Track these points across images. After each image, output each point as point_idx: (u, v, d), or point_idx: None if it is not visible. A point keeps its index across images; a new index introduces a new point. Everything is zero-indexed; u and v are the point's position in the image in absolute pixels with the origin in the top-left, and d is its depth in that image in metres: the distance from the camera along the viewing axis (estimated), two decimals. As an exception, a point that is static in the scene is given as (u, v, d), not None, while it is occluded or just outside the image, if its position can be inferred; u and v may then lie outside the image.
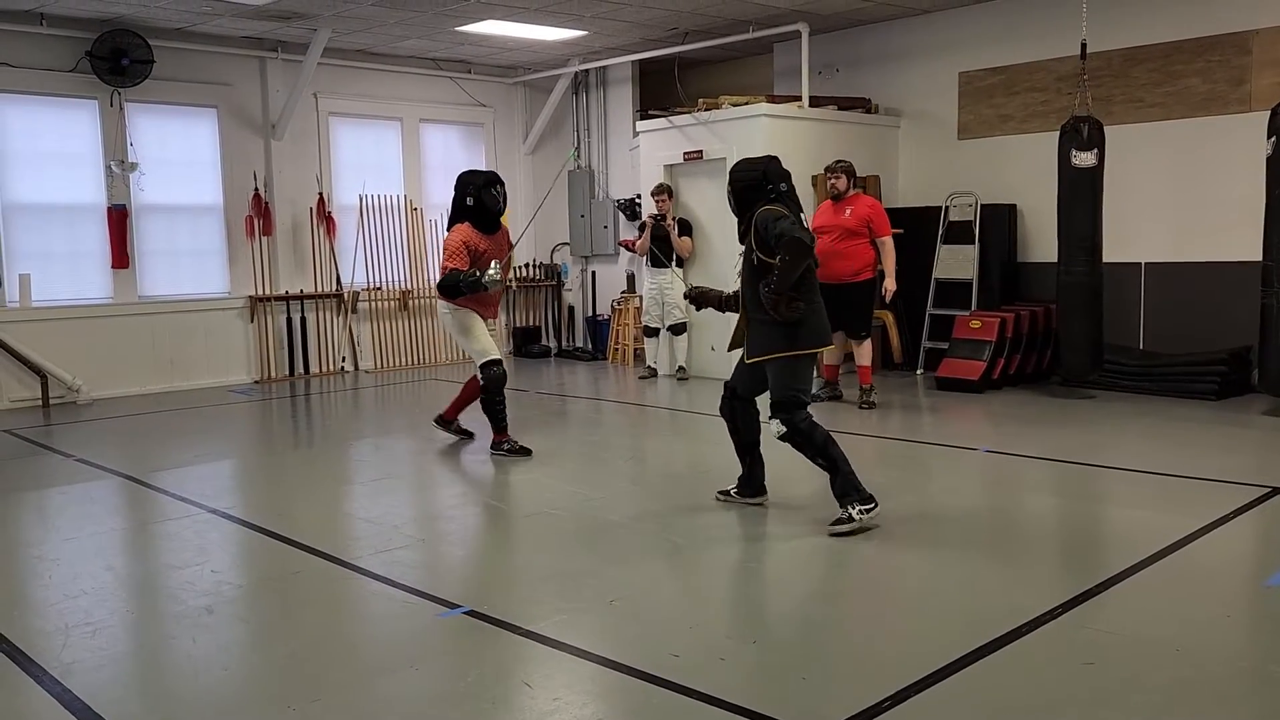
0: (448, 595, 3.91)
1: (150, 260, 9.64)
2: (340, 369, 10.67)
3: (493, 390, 6.33)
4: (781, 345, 4.61)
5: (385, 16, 9.00)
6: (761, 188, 4.68)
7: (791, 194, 4.75)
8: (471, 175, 6.43)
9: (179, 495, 5.60)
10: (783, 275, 4.40)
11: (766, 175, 4.71)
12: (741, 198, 4.75)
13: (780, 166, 4.79)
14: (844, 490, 4.56)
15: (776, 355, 4.62)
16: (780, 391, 4.64)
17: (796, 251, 4.38)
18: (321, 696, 3.09)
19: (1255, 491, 5.07)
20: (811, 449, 4.62)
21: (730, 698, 2.98)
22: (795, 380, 4.64)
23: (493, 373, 6.32)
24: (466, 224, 6.27)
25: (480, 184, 6.29)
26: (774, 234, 4.45)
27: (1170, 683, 3.06)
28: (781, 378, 4.64)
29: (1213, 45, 7.91)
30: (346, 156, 10.80)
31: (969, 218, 9.11)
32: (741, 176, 4.77)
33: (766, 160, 4.82)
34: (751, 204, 4.69)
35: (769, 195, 4.67)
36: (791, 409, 4.61)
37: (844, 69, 10.13)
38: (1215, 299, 7.94)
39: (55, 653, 3.45)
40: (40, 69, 8.88)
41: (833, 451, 4.59)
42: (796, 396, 4.63)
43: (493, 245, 6.35)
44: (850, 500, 4.54)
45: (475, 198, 6.26)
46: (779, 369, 4.63)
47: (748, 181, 4.73)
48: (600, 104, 11.71)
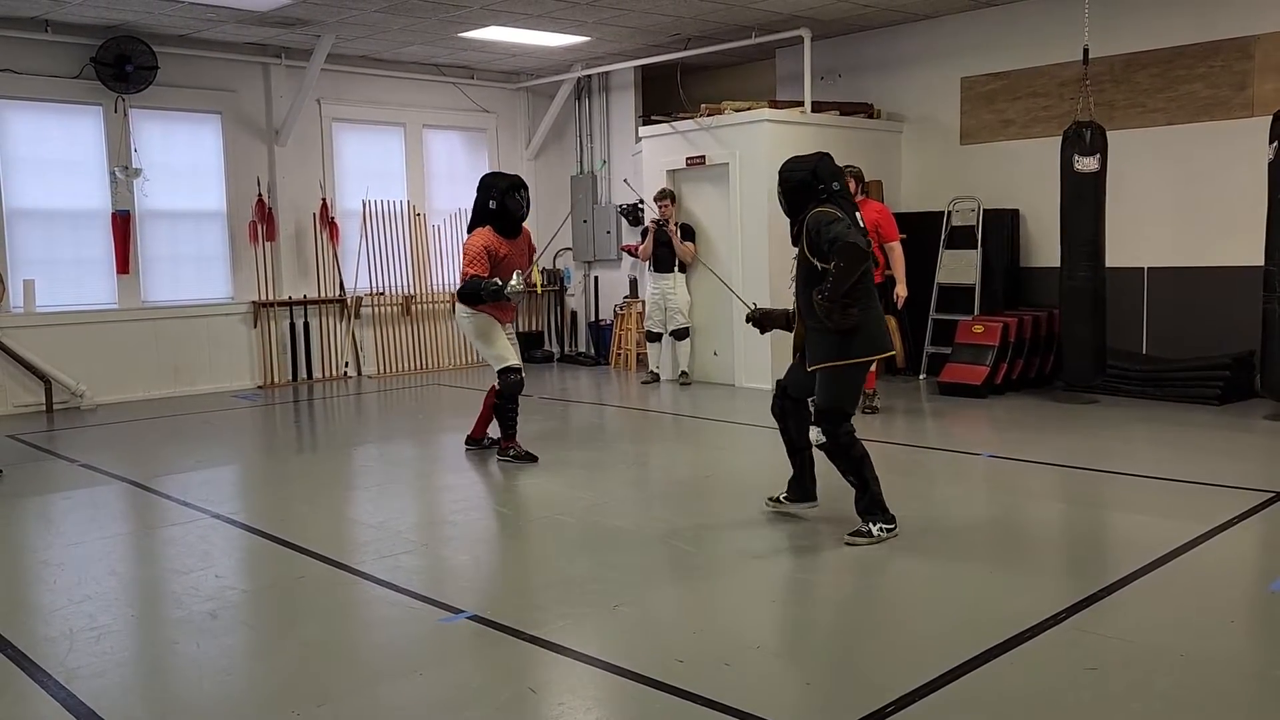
0: (451, 601, 3.92)
1: (154, 266, 9.66)
2: (343, 374, 10.68)
3: (508, 397, 6.32)
4: (835, 354, 4.44)
5: (389, 23, 9.03)
6: (812, 188, 4.49)
7: (845, 193, 4.55)
8: (495, 179, 6.34)
9: (183, 500, 5.61)
10: (836, 282, 4.23)
11: (817, 174, 4.50)
12: (791, 198, 4.56)
13: (832, 164, 4.58)
14: (868, 509, 4.51)
15: (827, 364, 4.47)
16: (825, 400, 4.50)
17: (851, 257, 4.21)
18: (325, 701, 3.09)
19: (1259, 496, 5.06)
20: (845, 464, 4.52)
21: (735, 703, 2.98)
22: (844, 390, 4.49)
23: (511, 379, 6.30)
24: (488, 228, 6.22)
25: (504, 188, 6.22)
26: (827, 238, 4.28)
27: (1174, 688, 3.06)
28: (830, 386, 4.49)
29: (1215, 50, 7.91)
30: (350, 162, 10.82)
31: (971, 223, 9.12)
32: (791, 176, 4.57)
33: (817, 158, 4.58)
34: (802, 205, 4.51)
35: (820, 195, 4.47)
36: (835, 420, 4.48)
37: (846, 74, 10.14)
38: (1218, 304, 7.94)
39: (60, 658, 3.45)
40: (45, 75, 8.90)
41: (866, 473, 4.50)
42: (842, 408, 4.50)
43: (514, 250, 6.29)
44: (874, 518, 4.49)
45: (498, 202, 6.19)
46: (828, 376, 4.49)
47: (797, 181, 4.53)
48: (603, 109, 11.73)
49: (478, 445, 6.79)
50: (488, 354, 6.41)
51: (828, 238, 4.28)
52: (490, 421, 6.70)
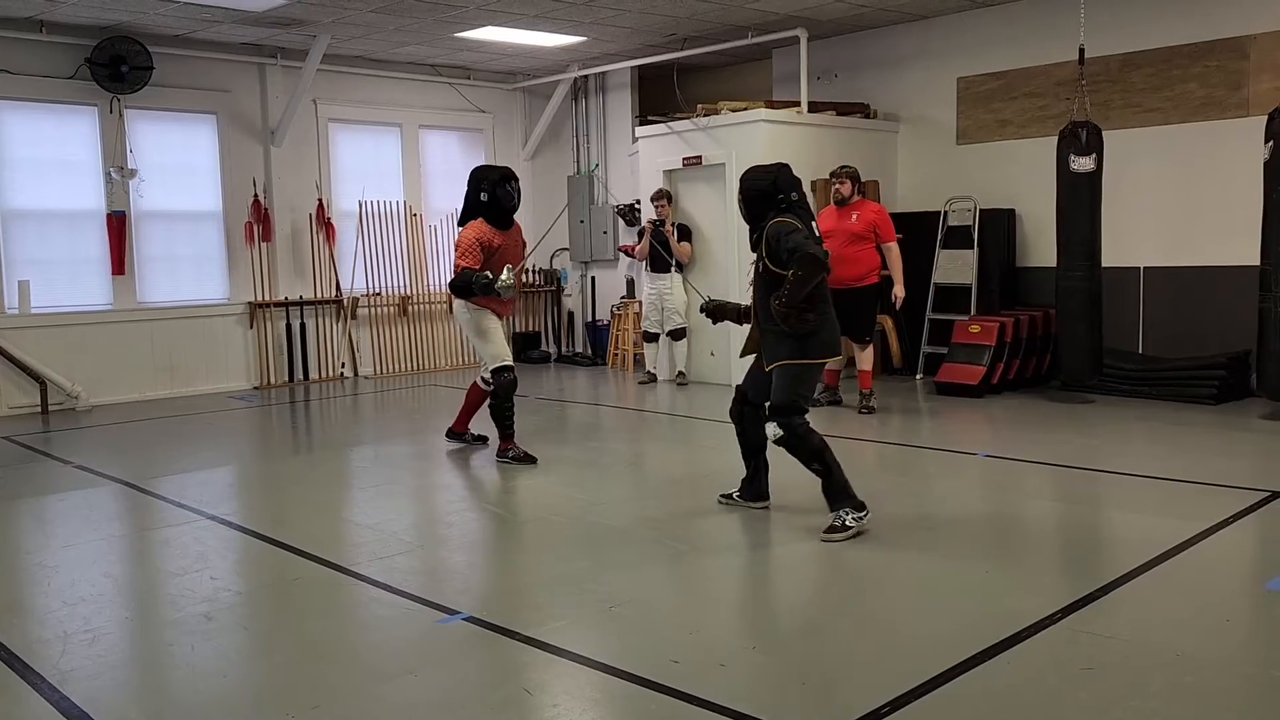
0: (447, 602, 3.91)
1: (150, 266, 9.65)
2: (340, 375, 10.67)
3: (502, 396, 6.27)
4: (794, 354, 4.60)
5: (384, 23, 9.02)
6: (772, 197, 4.64)
7: (803, 203, 4.71)
8: (485, 170, 6.40)
9: (178, 502, 5.60)
10: (794, 289, 4.39)
11: (777, 184, 4.65)
12: (752, 207, 4.72)
13: (791, 175, 4.74)
14: (836, 496, 4.58)
15: (784, 362, 4.62)
16: (781, 396, 4.63)
17: (810, 267, 4.38)
18: (321, 703, 3.09)
19: (1255, 495, 5.07)
20: (806, 454, 4.62)
21: (730, 704, 2.97)
22: (799, 387, 4.64)
23: (504, 378, 6.26)
24: (480, 220, 6.27)
25: (495, 179, 6.28)
26: (787, 248, 4.45)
27: (1170, 687, 3.05)
28: (785, 383, 4.63)
29: (1210, 50, 7.92)
30: (346, 162, 10.81)
31: (968, 223, 9.12)
32: (752, 185, 4.72)
33: (778, 168, 4.75)
34: (762, 213, 4.66)
35: (780, 205, 4.63)
36: (790, 414, 4.61)
37: (843, 74, 10.14)
38: (1214, 303, 7.95)
39: (54, 660, 3.44)
40: (40, 76, 8.89)
41: (828, 458, 4.59)
42: (796, 402, 4.63)
43: (507, 241, 6.34)
44: (842, 506, 4.55)
45: (489, 193, 6.25)
46: (785, 374, 4.63)
47: (758, 190, 4.68)
48: (600, 110, 11.73)
49: (459, 439, 6.87)
50: (484, 350, 6.40)
51: (788, 246, 4.44)
52: (472, 415, 6.78)
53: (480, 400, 6.70)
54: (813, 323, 4.53)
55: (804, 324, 4.50)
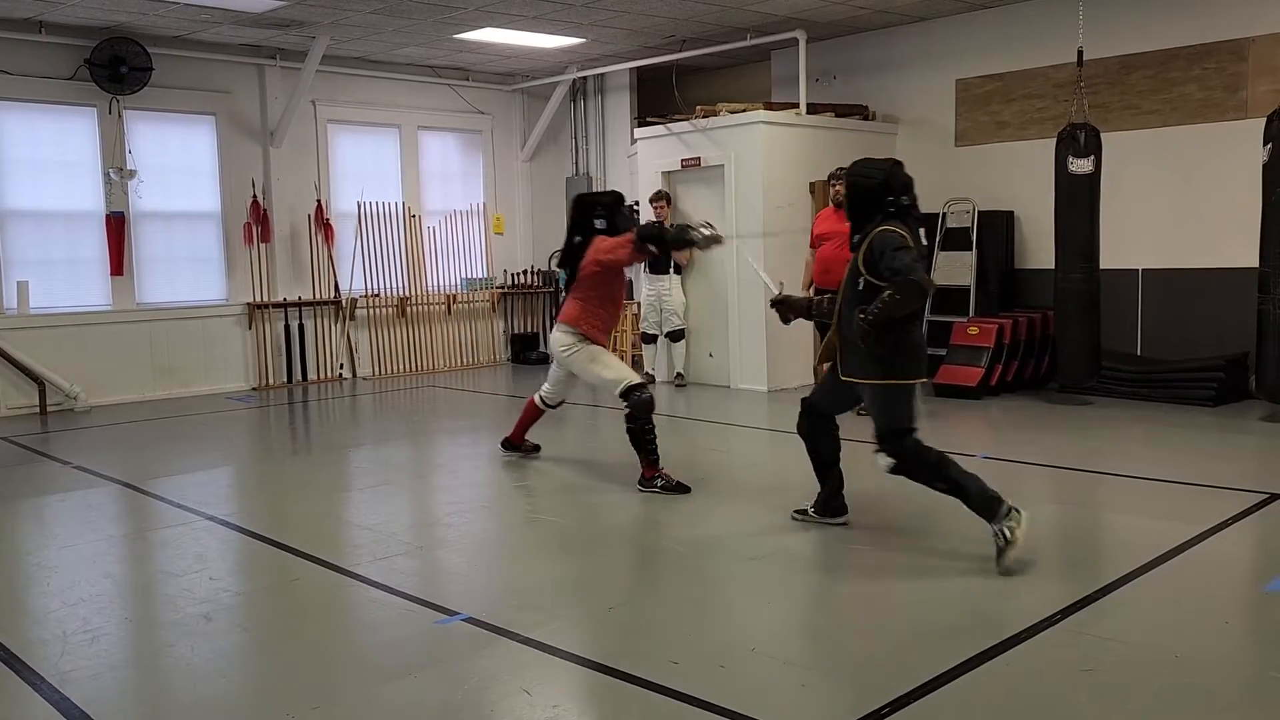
0: (446, 603, 3.91)
1: (149, 267, 9.64)
2: (339, 376, 10.67)
3: (641, 417, 5.51)
4: (877, 372, 4.26)
5: (383, 24, 9.02)
6: (880, 199, 4.27)
7: (913, 208, 4.33)
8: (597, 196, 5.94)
9: (177, 502, 5.59)
10: (885, 310, 4.03)
11: (888, 184, 4.28)
12: (857, 207, 4.34)
13: (904, 174, 4.34)
14: (986, 506, 4.10)
15: (872, 381, 4.29)
16: (884, 422, 4.28)
17: (910, 294, 4.03)
18: (320, 704, 3.08)
19: (1253, 497, 5.07)
20: (927, 475, 4.23)
21: (729, 705, 2.97)
22: (896, 408, 4.27)
23: (640, 398, 5.51)
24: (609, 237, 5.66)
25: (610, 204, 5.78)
26: (892, 265, 4.06)
27: (1169, 689, 3.06)
28: (881, 407, 4.29)
29: (1209, 52, 7.93)
30: (345, 164, 10.81)
31: (966, 224, 9.13)
32: (859, 183, 4.35)
33: (890, 166, 4.38)
34: (868, 215, 4.28)
35: (888, 209, 4.25)
36: (896, 439, 4.25)
37: (841, 76, 10.15)
38: (1212, 305, 7.95)
39: (53, 660, 3.44)
40: (39, 77, 8.89)
41: (952, 473, 4.17)
42: (898, 425, 4.26)
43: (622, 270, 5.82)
44: (997, 515, 4.07)
45: (607, 219, 5.70)
46: (877, 398, 4.29)
47: (865, 189, 4.31)
48: (598, 111, 11.73)
49: (516, 450, 6.44)
50: (603, 377, 5.69)
51: (893, 265, 4.06)
52: (528, 427, 6.36)
53: (537, 416, 6.30)
54: (890, 344, 4.14)
55: (880, 345, 4.13)
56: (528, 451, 6.49)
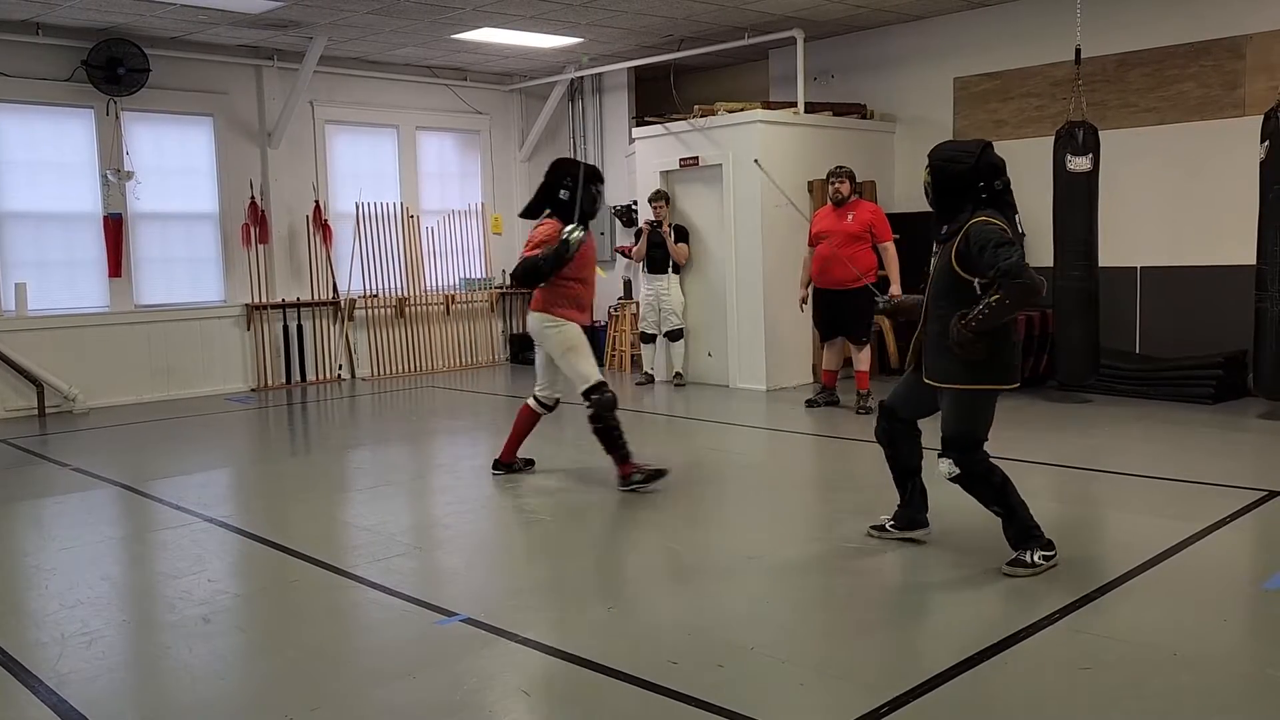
0: (445, 603, 3.91)
1: (146, 269, 9.64)
2: (337, 377, 10.67)
3: (605, 416, 5.51)
4: (964, 376, 3.97)
5: (381, 24, 9.02)
6: (972, 185, 3.91)
7: (1006, 194, 3.98)
8: (571, 166, 5.63)
9: (175, 504, 5.59)
10: (992, 315, 3.75)
11: (979, 169, 3.91)
12: (944, 195, 3.98)
13: (994, 158, 3.95)
14: (1022, 537, 4.03)
15: (957, 386, 4.03)
16: (955, 426, 4.05)
17: (1022, 299, 3.74)
18: (319, 705, 3.08)
19: (1252, 495, 5.07)
20: (988, 493, 4.06)
21: (729, 704, 2.97)
22: (974, 416, 4.04)
23: (603, 398, 5.50)
24: (556, 220, 5.52)
25: (586, 178, 5.50)
26: (995, 264, 3.72)
27: (1168, 687, 3.06)
28: (958, 412, 4.04)
29: (1206, 50, 7.93)
30: (343, 164, 10.80)
31: (965, 223, 9.12)
32: (947, 168, 3.97)
33: (980, 148, 3.98)
34: (956, 202, 3.94)
35: (980, 195, 3.91)
36: (967, 448, 4.04)
37: (839, 75, 10.15)
38: (1211, 303, 7.95)
39: (51, 663, 3.44)
40: (37, 78, 8.88)
41: (1011, 499, 4.04)
42: (973, 434, 4.05)
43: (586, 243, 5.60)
44: (1030, 548, 4.01)
45: (571, 192, 5.48)
46: (957, 401, 4.04)
47: (954, 174, 3.94)
48: (596, 111, 11.73)
49: (507, 469, 6.05)
50: (573, 369, 5.62)
51: (998, 264, 3.72)
52: (521, 442, 6.04)
53: (531, 424, 5.98)
54: (984, 351, 3.86)
55: (976, 352, 3.84)
56: (521, 469, 6.11)
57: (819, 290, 7.80)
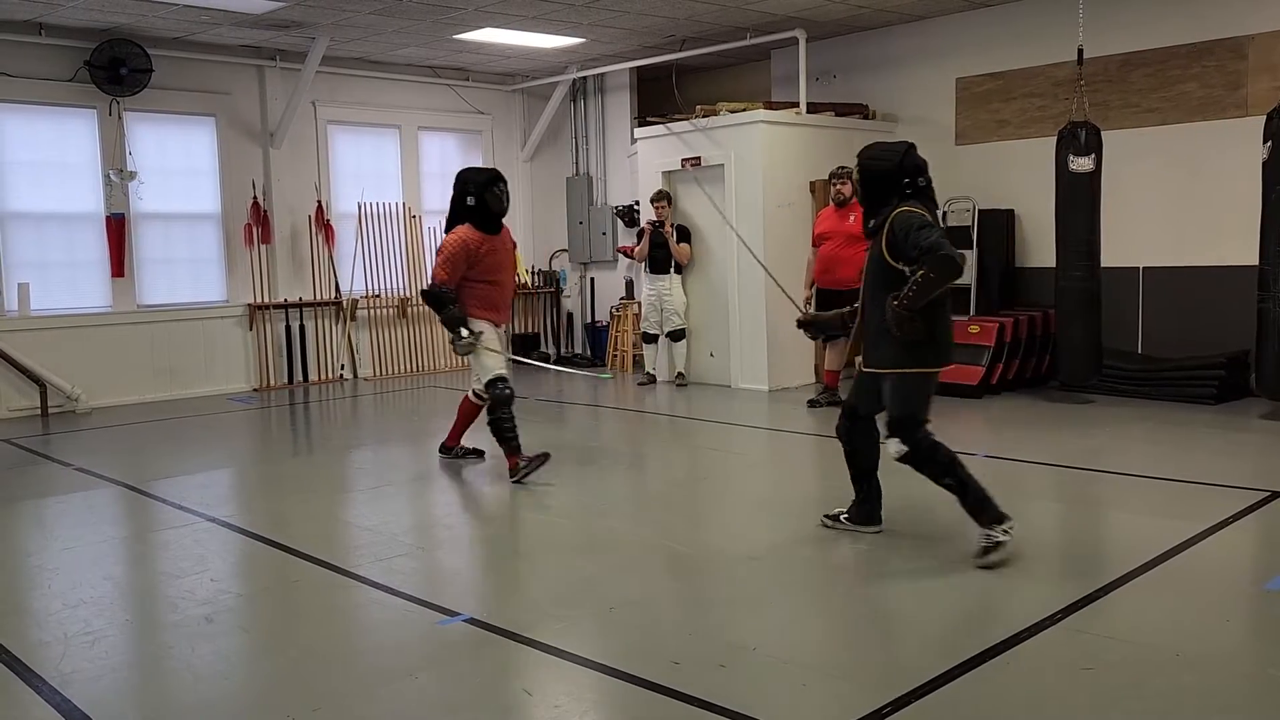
0: (447, 603, 3.91)
1: (149, 269, 9.65)
2: (339, 377, 10.67)
3: (497, 409, 5.90)
4: (904, 360, 4.20)
5: (383, 25, 9.02)
6: (896, 180, 4.20)
7: (928, 190, 4.27)
8: (472, 173, 6.13)
9: (178, 504, 5.60)
10: (920, 291, 3.97)
11: (903, 166, 4.21)
12: (871, 190, 4.28)
13: (918, 156, 4.27)
14: (979, 509, 4.17)
15: (899, 370, 4.23)
16: (898, 408, 4.25)
17: (944, 271, 3.96)
18: (321, 705, 3.09)
19: (1254, 495, 5.07)
20: (937, 469, 4.22)
21: (730, 705, 2.98)
22: (915, 398, 4.25)
23: (498, 391, 5.90)
24: (467, 226, 5.98)
25: (482, 182, 5.98)
26: (920, 244, 3.99)
27: (1170, 688, 3.06)
28: (900, 393, 4.25)
29: (1209, 50, 7.93)
30: (345, 164, 10.81)
31: (967, 223, 9.12)
32: (873, 165, 4.29)
33: (904, 147, 4.30)
34: (883, 198, 4.23)
35: (904, 190, 4.20)
36: (911, 429, 4.23)
37: (841, 75, 10.14)
38: (1213, 303, 7.95)
39: (54, 662, 3.44)
40: (39, 79, 8.89)
41: (960, 473, 4.19)
42: (916, 414, 4.24)
43: (494, 246, 6.06)
44: (989, 521, 4.15)
45: (477, 198, 5.95)
46: (899, 385, 4.25)
47: (880, 171, 4.25)
48: (598, 111, 11.73)
49: (449, 454, 6.52)
50: (480, 363, 6.07)
51: (920, 243, 3.99)
52: (465, 429, 6.46)
53: (474, 414, 6.38)
54: (921, 331, 4.08)
55: (914, 331, 4.06)
56: (465, 455, 6.48)
57: (822, 290, 7.80)
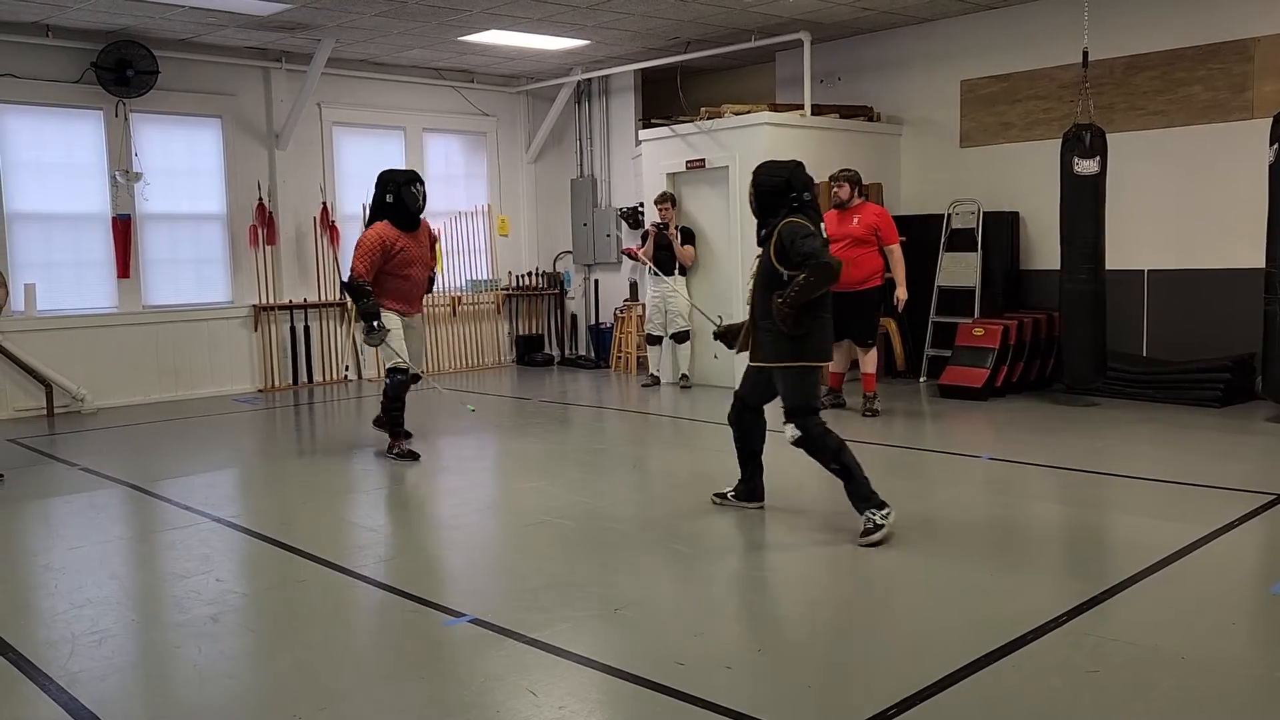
0: (452, 604, 3.92)
1: (154, 269, 9.67)
2: (344, 378, 10.69)
3: (392, 396, 6.54)
4: (787, 355, 4.66)
5: (389, 27, 9.04)
6: (785, 195, 4.65)
7: (814, 204, 4.72)
8: (391, 174, 6.61)
9: (183, 504, 5.61)
10: (801, 292, 4.45)
11: (791, 183, 4.67)
12: (764, 202, 4.73)
13: (805, 174, 4.75)
14: (861, 495, 4.56)
15: (783, 365, 4.68)
16: (792, 399, 4.69)
17: (821, 275, 4.44)
18: (327, 705, 3.09)
19: (1260, 499, 5.07)
20: (825, 455, 4.64)
21: (736, 706, 2.98)
22: (805, 388, 4.70)
23: (395, 380, 6.51)
24: (385, 222, 6.46)
25: (401, 182, 6.49)
26: (801, 251, 4.47)
27: (1176, 691, 3.06)
28: (792, 385, 4.70)
29: (1214, 53, 7.92)
30: (350, 166, 10.82)
31: (971, 225, 9.13)
32: (765, 181, 4.73)
33: (792, 165, 4.76)
34: (773, 210, 4.68)
35: (792, 204, 4.64)
36: (804, 415, 4.66)
37: (846, 77, 10.15)
38: (1218, 306, 7.94)
39: (62, 662, 3.46)
40: (46, 80, 8.92)
41: (846, 459, 4.60)
42: (809, 403, 4.68)
43: (412, 242, 6.55)
44: (868, 506, 4.52)
45: (395, 195, 6.45)
46: (788, 378, 4.69)
47: (771, 187, 4.70)
48: (603, 113, 11.74)
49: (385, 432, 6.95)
50: (389, 348, 6.56)
51: (802, 250, 4.47)
52: None
53: None
54: (806, 326, 4.57)
55: (799, 326, 4.55)
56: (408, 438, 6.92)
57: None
